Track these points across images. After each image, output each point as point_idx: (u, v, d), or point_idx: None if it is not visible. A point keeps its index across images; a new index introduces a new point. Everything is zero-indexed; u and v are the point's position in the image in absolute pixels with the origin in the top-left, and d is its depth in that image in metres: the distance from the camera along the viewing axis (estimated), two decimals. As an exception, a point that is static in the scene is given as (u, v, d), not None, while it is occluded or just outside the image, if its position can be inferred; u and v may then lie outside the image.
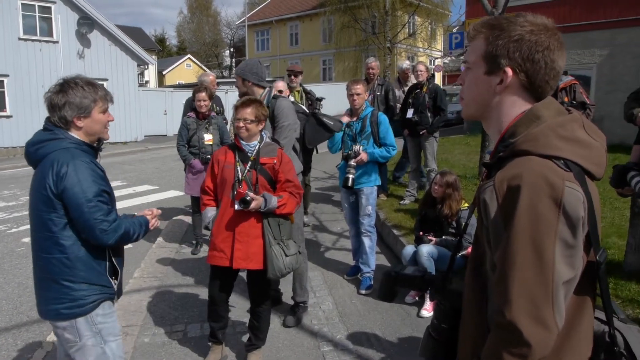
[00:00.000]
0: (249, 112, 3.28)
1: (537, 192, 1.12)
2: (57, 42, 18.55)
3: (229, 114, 7.55)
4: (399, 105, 7.69)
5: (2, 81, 17.40)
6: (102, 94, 2.35)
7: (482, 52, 1.30)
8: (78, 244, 2.27)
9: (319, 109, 4.59)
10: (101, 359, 2.37)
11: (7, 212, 8.56)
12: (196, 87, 6.02)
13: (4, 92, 17.47)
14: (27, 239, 2.48)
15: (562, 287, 1.14)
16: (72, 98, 2.26)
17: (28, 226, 2.40)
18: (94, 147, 2.39)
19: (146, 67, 25.69)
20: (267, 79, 4.57)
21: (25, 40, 17.82)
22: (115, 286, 2.41)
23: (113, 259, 2.39)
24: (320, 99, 4.76)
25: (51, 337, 3.89)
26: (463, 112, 1.41)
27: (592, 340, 1.28)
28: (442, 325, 1.48)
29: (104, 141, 2.48)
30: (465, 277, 1.40)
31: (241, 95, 4.11)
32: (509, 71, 1.26)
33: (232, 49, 58.42)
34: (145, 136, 21.12)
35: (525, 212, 1.12)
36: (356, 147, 4.67)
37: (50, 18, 18.45)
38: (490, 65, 1.29)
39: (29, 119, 17.12)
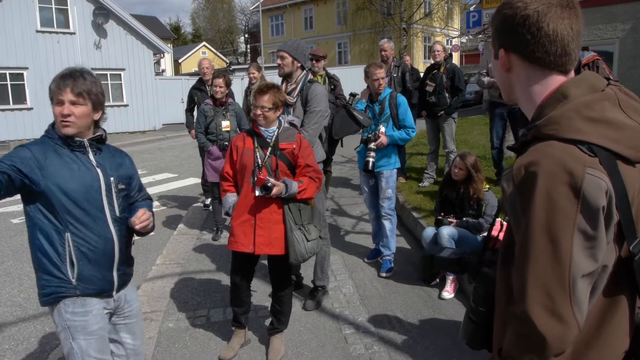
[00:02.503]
0: (265, 100, 3.26)
1: (554, 180, 1.07)
2: (74, 33, 18.75)
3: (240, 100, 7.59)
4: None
5: (22, 74, 17.68)
6: (53, 87, 2.25)
7: (492, 39, 1.34)
8: (36, 232, 2.24)
9: (350, 103, 4.57)
10: (70, 354, 2.31)
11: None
12: (213, 74, 6.03)
13: (24, 84, 17.77)
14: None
15: (583, 280, 1.09)
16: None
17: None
18: (66, 139, 2.28)
19: (162, 55, 25.89)
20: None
21: (43, 32, 18.04)
22: (72, 279, 2.25)
23: (72, 248, 2.23)
24: (354, 95, 4.74)
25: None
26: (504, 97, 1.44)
27: (628, 332, 1.22)
28: (479, 309, 1.46)
29: (97, 133, 2.37)
30: (497, 264, 1.37)
31: (282, 75, 4.07)
32: (502, 52, 1.27)
33: (247, 35, 58.23)
34: (163, 124, 21.32)
35: (541, 202, 1.08)
36: (382, 129, 4.64)
37: (67, 9, 18.62)
38: (495, 50, 1.31)
39: (49, 111, 17.13)
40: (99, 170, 2.32)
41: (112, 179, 2.36)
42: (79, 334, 2.29)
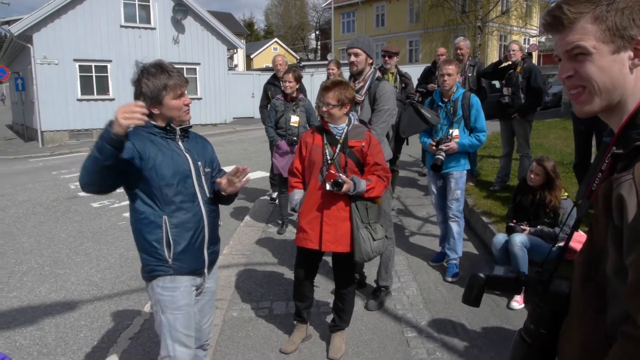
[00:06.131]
0: (330, 96, 3.26)
1: None
2: (154, 28, 19.62)
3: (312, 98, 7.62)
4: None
5: (106, 66, 18.71)
6: (172, 83, 2.39)
7: (600, 31, 1.11)
8: (137, 216, 2.43)
9: (419, 101, 4.47)
10: (160, 327, 2.49)
11: (110, 188, 9.23)
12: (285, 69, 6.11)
13: (107, 76, 18.79)
14: (128, 214, 2.62)
15: None
16: (144, 89, 2.39)
17: (128, 202, 2.54)
18: (164, 129, 2.46)
19: (235, 51, 26.51)
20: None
21: (126, 27, 19.00)
22: (169, 259, 2.41)
23: (169, 229, 2.40)
24: (421, 91, 4.65)
25: (148, 307, 4.15)
26: (587, 108, 1.17)
27: None
28: (540, 331, 1.33)
29: (186, 122, 2.53)
30: (574, 279, 1.26)
31: (355, 73, 4.03)
32: None
33: (317, 32, 58.65)
34: (233, 118, 21.90)
35: None
36: (455, 132, 4.53)
37: (148, 6, 19.51)
38: (617, 42, 1.10)
39: (129, 101, 18.25)
40: (187, 156, 2.50)
41: (199, 163, 2.53)
42: (167, 309, 2.46)
